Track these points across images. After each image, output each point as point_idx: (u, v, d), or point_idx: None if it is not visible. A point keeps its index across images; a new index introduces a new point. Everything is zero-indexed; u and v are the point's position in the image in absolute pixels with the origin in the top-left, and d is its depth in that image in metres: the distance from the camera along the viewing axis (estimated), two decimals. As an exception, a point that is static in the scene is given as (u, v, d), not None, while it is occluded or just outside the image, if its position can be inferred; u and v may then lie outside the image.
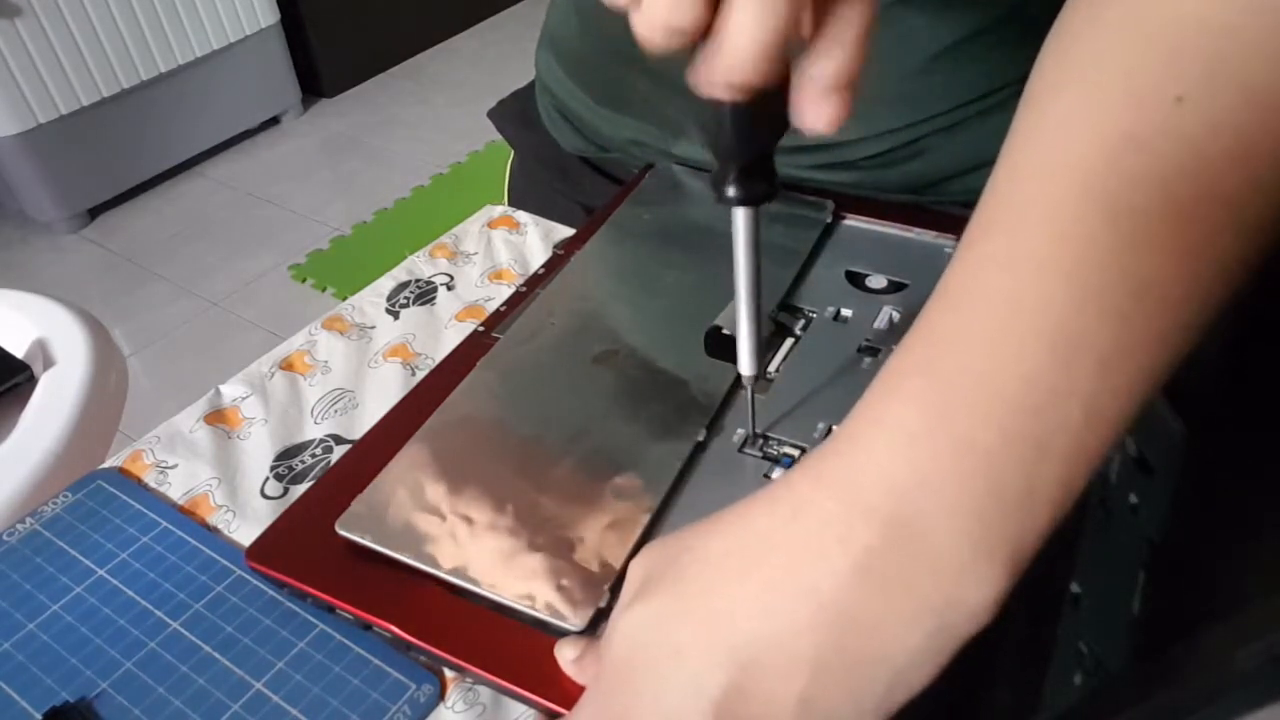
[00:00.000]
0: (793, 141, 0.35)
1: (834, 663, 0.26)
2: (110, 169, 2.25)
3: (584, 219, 0.67)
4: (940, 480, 0.26)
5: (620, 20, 0.28)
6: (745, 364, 0.39)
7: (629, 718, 0.29)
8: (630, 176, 0.66)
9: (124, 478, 0.45)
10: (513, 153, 0.74)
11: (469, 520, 0.39)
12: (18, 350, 0.80)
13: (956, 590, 0.25)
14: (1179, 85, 0.26)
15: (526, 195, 0.72)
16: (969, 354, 0.26)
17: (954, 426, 0.26)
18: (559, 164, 0.70)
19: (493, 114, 0.74)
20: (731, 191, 0.32)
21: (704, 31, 0.27)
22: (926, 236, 0.53)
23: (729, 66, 0.27)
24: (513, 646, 0.36)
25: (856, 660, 0.26)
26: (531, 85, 0.72)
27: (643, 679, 0.28)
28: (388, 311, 0.55)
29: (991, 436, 0.25)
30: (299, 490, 0.45)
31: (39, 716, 0.36)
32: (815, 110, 0.29)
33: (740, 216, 0.34)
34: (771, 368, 0.46)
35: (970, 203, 0.29)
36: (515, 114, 0.73)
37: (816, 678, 0.26)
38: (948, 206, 0.56)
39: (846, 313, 0.49)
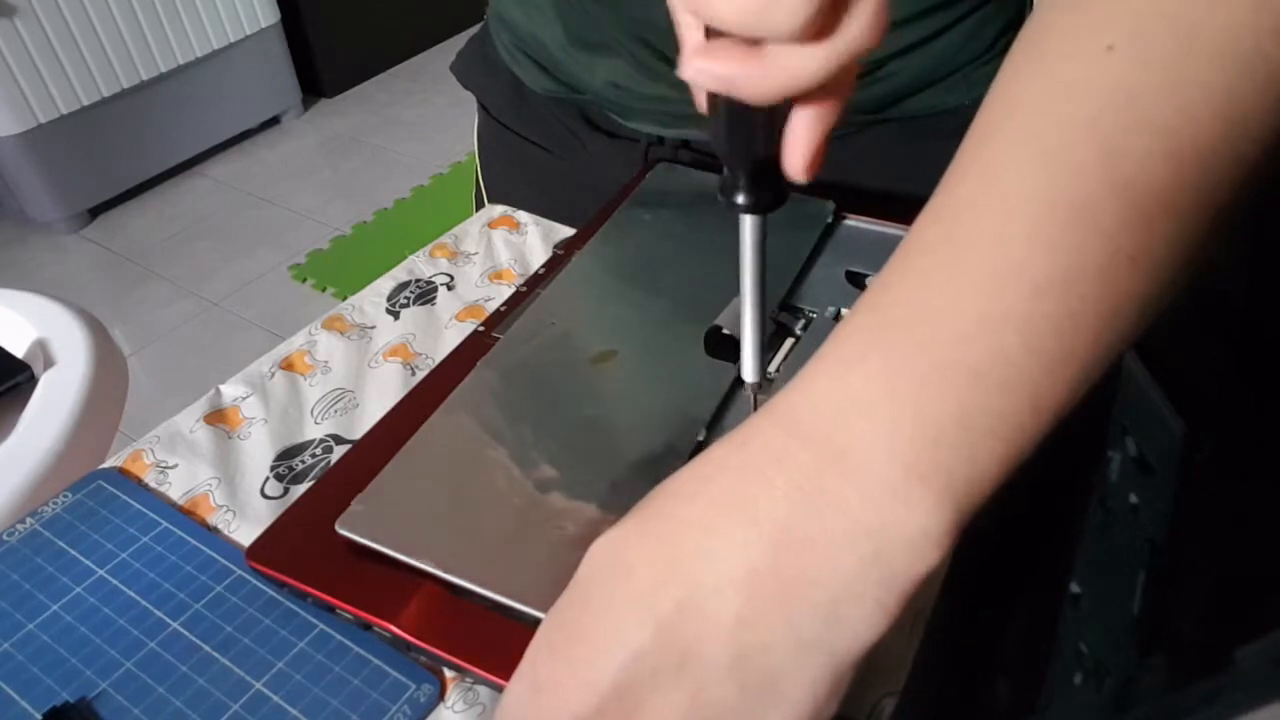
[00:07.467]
0: None
1: (768, 583, 0.26)
2: (110, 169, 2.25)
3: (557, 182, 0.65)
4: (871, 403, 0.26)
5: None
6: (748, 370, 0.38)
7: (576, 630, 0.29)
8: (608, 124, 0.64)
9: (124, 478, 0.45)
10: (477, 113, 0.71)
11: (469, 520, 0.39)
12: (18, 350, 0.80)
13: (888, 512, 0.25)
14: (1110, 36, 0.27)
15: (495, 157, 0.69)
16: (906, 289, 0.28)
17: (886, 352, 0.27)
18: (530, 110, 0.66)
19: (455, 67, 0.70)
20: (740, 199, 0.32)
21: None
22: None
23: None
24: (512, 646, 0.36)
25: (790, 580, 0.26)
26: (487, 26, 0.67)
27: (595, 595, 0.29)
28: (388, 311, 0.55)
29: (921, 361, 0.26)
30: (299, 490, 0.45)
31: (39, 716, 0.36)
32: (797, 160, 0.30)
33: (748, 224, 0.34)
34: (772, 368, 0.46)
35: (926, 116, 0.29)
36: (477, 59, 0.68)
37: (751, 597, 0.26)
38: (908, 121, 0.57)
39: (847, 313, 0.48)
